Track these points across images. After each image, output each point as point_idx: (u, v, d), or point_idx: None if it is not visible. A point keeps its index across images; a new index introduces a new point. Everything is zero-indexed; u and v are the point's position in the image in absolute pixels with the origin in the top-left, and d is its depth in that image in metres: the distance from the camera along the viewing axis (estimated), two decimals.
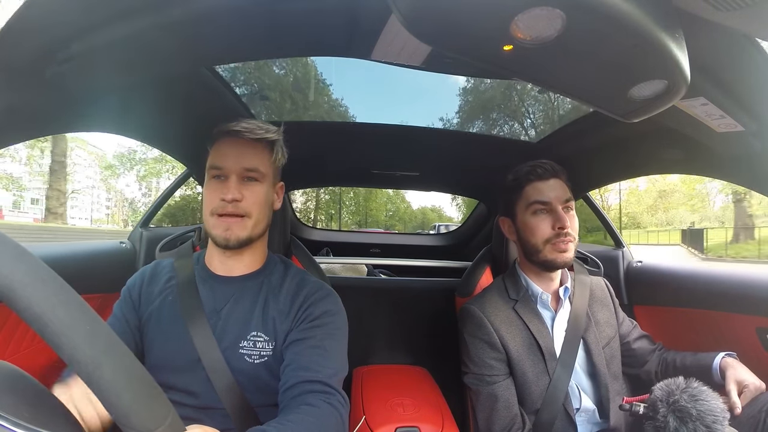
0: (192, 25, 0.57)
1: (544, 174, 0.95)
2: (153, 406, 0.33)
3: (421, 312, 1.71)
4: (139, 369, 0.34)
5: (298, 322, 0.77)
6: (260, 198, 0.79)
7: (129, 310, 0.81)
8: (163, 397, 0.35)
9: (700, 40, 0.53)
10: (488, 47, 0.49)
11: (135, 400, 0.32)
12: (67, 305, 0.32)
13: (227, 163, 0.78)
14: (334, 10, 0.61)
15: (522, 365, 0.93)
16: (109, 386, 0.31)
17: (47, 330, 0.30)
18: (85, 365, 0.31)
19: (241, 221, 0.78)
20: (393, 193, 21.39)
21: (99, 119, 0.89)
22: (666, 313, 1.26)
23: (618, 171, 1.34)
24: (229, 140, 0.79)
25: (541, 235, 0.93)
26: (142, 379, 0.34)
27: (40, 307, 0.30)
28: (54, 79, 0.62)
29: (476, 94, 2.70)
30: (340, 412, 0.67)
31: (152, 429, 0.33)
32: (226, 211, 0.77)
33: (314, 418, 0.62)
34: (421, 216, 25.99)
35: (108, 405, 0.32)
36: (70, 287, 0.33)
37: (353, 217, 25.13)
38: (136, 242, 1.36)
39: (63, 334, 0.30)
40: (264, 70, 1.52)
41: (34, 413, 0.40)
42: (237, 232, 0.77)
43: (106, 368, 0.31)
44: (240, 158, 0.78)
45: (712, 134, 0.78)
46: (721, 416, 0.70)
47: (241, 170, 0.78)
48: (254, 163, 0.79)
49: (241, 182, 0.78)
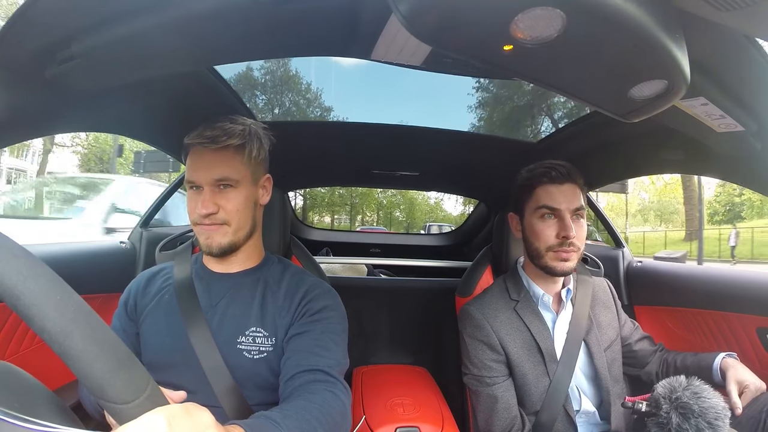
0: (192, 25, 0.57)
1: (558, 177, 0.92)
2: (129, 377, 0.32)
3: (421, 312, 1.71)
4: (113, 339, 0.33)
5: (298, 317, 0.77)
6: (237, 204, 0.78)
7: (126, 320, 0.82)
8: (141, 368, 0.34)
9: (700, 40, 0.53)
10: (488, 47, 0.49)
11: (108, 370, 0.31)
12: (38, 277, 0.31)
13: (197, 176, 0.77)
14: (334, 10, 0.61)
15: (522, 367, 0.93)
16: (80, 356, 0.30)
17: (19, 303, 0.30)
18: (56, 335, 0.30)
19: (221, 228, 0.78)
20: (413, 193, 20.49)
21: (99, 119, 0.89)
22: (666, 313, 1.26)
23: (618, 171, 1.34)
24: (197, 151, 0.78)
25: (545, 241, 0.92)
26: (116, 348, 0.32)
27: (12, 280, 0.30)
28: (54, 79, 0.62)
29: (476, 94, 2.71)
30: (343, 401, 0.66)
31: (129, 400, 0.32)
32: (204, 222, 0.77)
33: (318, 405, 0.61)
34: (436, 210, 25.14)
35: (81, 376, 0.31)
36: (42, 262, 0.32)
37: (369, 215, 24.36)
38: (136, 242, 1.36)
39: (33, 305, 0.30)
40: (264, 70, 1.52)
41: (28, 405, 0.40)
42: (218, 239, 0.77)
43: (76, 337, 0.30)
44: (209, 170, 0.77)
45: (712, 134, 0.78)
46: (723, 413, 0.70)
47: (211, 181, 0.77)
48: (224, 173, 0.77)
49: (215, 192, 0.77)
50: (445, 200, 24.01)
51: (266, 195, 0.87)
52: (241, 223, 0.79)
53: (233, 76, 0.97)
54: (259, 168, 0.84)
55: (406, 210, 23.86)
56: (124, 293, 0.85)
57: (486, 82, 2.69)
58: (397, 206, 23.97)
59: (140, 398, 0.32)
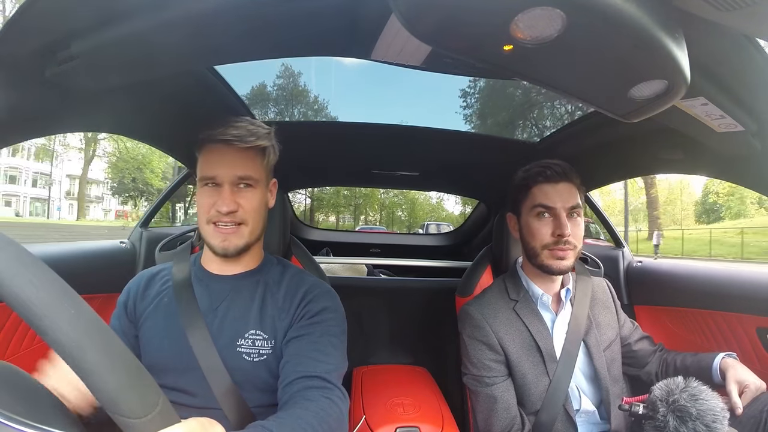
0: (192, 25, 0.57)
1: (554, 177, 0.93)
2: (141, 392, 0.33)
3: (421, 312, 1.71)
4: (126, 353, 0.33)
5: (297, 319, 0.77)
6: (255, 204, 0.79)
7: (126, 322, 0.81)
8: (153, 383, 0.34)
9: (700, 40, 0.53)
10: (488, 47, 0.49)
11: (121, 384, 0.31)
12: (50, 289, 0.31)
13: (219, 172, 0.77)
14: (334, 10, 0.61)
15: (521, 367, 0.93)
16: (94, 370, 0.30)
17: (31, 314, 0.30)
18: (70, 348, 0.30)
19: (238, 230, 0.78)
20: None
21: (99, 119, 0.89)
22: (666, 313, 1.26)
23: (618, 171, 1.34)
24: (219, 148, 0.78)
25: (540, 239, 0.92)
26: (129, 363, 0.33)
27: (24, 292, 0.30)
28: (54, 79, 0.62)
29: (477, 94, 2.71)
30: (340, 407, 0.66)
31: (141, 415, 0.32)
32: (222, 220, 0.77)
33: (313, 413, 0.61)
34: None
35: (94, 390, 0.31)
36: (54, 272, 0.32)
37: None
38: (136, 242, 1.36)
39: (46, 317, 0.30)
40: (264, 71, 1.52)
41: (30, 410, 0.40)
42: (235, 242, 0.77)
43: (90, 351, 0.31)
44: (232, 167, 0.77)
45: (712, 134, 0.78)
46: (721, 415, 0.70)
47: (234, 179, 0.77)
48: (247, 171, 0.78)
49: (234, 190, 0.77)
50: (447, 200, 24.28)
51: (272, 199, 0.89)
52: (256, 223, 0.80)
53: (233, 76, 0.97)
54: (270, 172, 0.86)
55: (407, 210, 24.17)
56: (122, 294, 0.85)
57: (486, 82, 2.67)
58: (399, 206, 24.44)
59: (153, 413, 0.33)
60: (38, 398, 0.44)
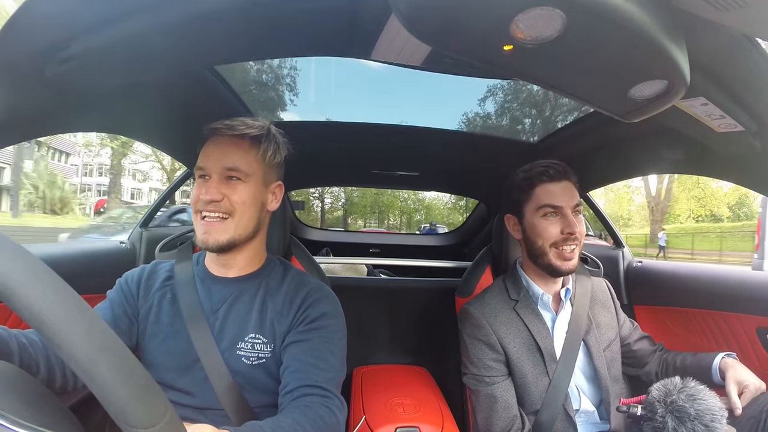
0: (192, 25, 0.57)
1: (557, 176, 0.94)
2: (150, 403, 0.33)
3: (421, 312, 1.71)
4: (136, 366, 0.34)
5: (296, 323, 0.77)
6: (244, 197, 0.76)
7: (123, 298, 0.80)
8: (161, 393, 0.35)
9: (700, 40, 0.53)
10: (488, 47, 0.49)
11: (132, 396, 0.32)
12: (65, 303, 0.32)
13: (208, 163, 0.76)
14: (334, 10, 0.61)
15: (521, 366, 0.93)
16: (107, 383, 0.31)
17: (45, 327, 0.30)
18: (84, 363, 0.31)
19: (222, 223, 0.75)
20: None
21: (99, 119, 0.89)
22: (666, 313, 1.26)
23: (618, 171, 1.34)
24: (214, 139, 0.78)
25: (549, 237, 0.92)
26: (139, 375, 0.34)
27: (38, 305, 0.30)
28: (54, 79, 0.61)
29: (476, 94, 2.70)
30: (337, 416, 0.67)
31: (149, 426, 0.32)
32: (207, 209, 0.75)
33: (310, 420, 0.62)
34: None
35: (105, 402, 0.32)
36: (67, 284, 0.33)
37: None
38: (136, 242, 1.36)
39: (60, 332, 0.31)
40: (264, 70, 1.52)
41: (35, 413, 0.40)
42: (216, 236, 0.75)
43: (104, 365, 0.31)
44: (221, 157, 0.76)
45: (712, 134, 0.78)
46: (719, 415, 0.70)
47: (221, 169, 0.76)
48: (235, 162, 0.76)
49: (223, 182, 0.76)
50: (461, 203, 25.83)
51: (275, 202, 0.85)
52: (244, 218, 0.77)
53: (233, 76, 0.97)
54: (271, 171, 0.83)
55: (425, 213, 26.08)
56: (127, 275, 0.84)
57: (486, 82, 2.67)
58: (417, 211, 26.66)
59: (161, 423, 0.33)
60: (37, 399, 0.44)
